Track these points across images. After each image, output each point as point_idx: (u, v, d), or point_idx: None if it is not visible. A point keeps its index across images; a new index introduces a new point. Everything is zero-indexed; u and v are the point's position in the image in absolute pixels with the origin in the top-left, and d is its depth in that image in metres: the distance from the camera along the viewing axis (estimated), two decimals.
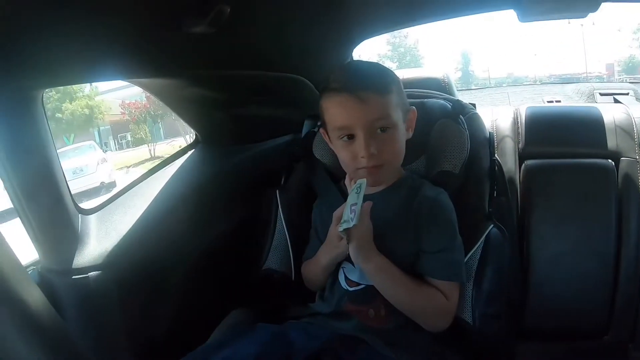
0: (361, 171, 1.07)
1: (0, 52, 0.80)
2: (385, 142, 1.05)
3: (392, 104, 1.04)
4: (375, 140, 1.03)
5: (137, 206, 1.30)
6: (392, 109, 1.04)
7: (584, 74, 27.62)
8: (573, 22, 24.07)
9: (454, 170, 1.17)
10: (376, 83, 1.05)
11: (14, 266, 0.63)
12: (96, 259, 1.14)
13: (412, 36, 36.15)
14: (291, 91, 1.60)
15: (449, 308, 1.06)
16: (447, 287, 1.06)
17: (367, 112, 1.02)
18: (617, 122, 1.64)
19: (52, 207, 1.11)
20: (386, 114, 1.03)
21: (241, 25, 1.12)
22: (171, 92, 1.41)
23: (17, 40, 0.80)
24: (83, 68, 1.02)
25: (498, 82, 29.78)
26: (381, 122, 1.03)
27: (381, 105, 1.03)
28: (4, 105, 0.97)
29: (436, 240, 1.07)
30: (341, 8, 1.37)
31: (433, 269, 1.06)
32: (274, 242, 1.32)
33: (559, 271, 1.50)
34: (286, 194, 1.35)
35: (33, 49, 0.84)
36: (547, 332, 1.53)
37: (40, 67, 0.91)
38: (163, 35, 1.03)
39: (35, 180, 1.06)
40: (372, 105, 1.02)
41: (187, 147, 1.61)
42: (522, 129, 1.70)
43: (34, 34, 0.81)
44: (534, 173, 1.59)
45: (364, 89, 1.02)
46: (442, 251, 1.06)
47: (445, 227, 1.08)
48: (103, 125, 22.08)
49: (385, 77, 1.08)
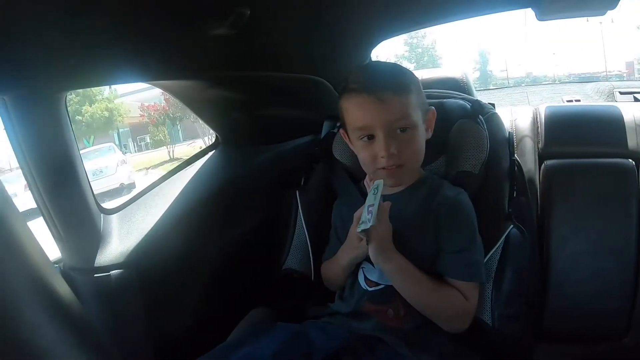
0: (381, 172, 1.07)
1: (24, 55, 0.82)
2: (405, 143, 1.05)
3: (411, 104, 1.05)
4: (395, 140, 1.04)
5: (158, 206, 1.31)
6: (411, 109, 1.05)
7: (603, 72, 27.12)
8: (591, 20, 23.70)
9: (474, 170, 1.16)
10: (395, 83, 1.05)
11: (44, 262, 0.65)
12: (118, 257, 1.16)
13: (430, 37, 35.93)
14: (310, 92, 1.60)
15: (468, 309, 1.06)
16: (466, 288, 1.05)
17: (387, 112, 1.02)
18: (638, 121, 1.61)
19: (75, 206, 1.13)
20: (406, 114, 1.04)
21: (261, 27, 1.13)
22: (192, 93, 1.43)
23: (42, 44, 0.82)
24: (105, 71, 1.04)
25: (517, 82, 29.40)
26: (401, 122, 1.04)
27: (400, 106, 1.03)
28: (28, 107, 1.00)
29: (456, 240, 1.07)
30: (360, 9, 1.37)
31: (452, 269, 1.06)
32: (294, 242, 1.32)
33: (579, 271, 1.48)
34: (306, 194, 1.35)
35: (57, 52, 0.86)
36: (565, 334, 1.51)
37: (64, 70, 0.93)
38: (184, 38, 1.05)
39: (59, 181, 1.08)
40: (391, 106, 1.02)
41: (208, 148, 1.63)
42: (542, 129, 1.68)
43: (58, 38, 0.83)
44: (553, 173, 1.58)
45: (384, 90, 1.02)
46: (462, 251, 1.06)
47: (464, 227, 1.08)
48: (122, 127, 22.34)
49: (404, 77, 1.09)
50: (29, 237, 0.64)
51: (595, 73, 27.62)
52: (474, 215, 1.10)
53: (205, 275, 1.36)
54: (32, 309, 0.58)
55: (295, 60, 1.45)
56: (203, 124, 1.61)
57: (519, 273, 1.11)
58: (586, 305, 1.48)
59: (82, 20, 0.82)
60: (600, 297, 1.47)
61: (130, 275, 1.15)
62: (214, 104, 1.48)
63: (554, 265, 1.50)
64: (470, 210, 1.10)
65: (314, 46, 1.43)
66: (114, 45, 0.94)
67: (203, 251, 1.35)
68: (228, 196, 1.47)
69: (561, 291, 1.49)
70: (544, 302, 1.49)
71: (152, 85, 1.35)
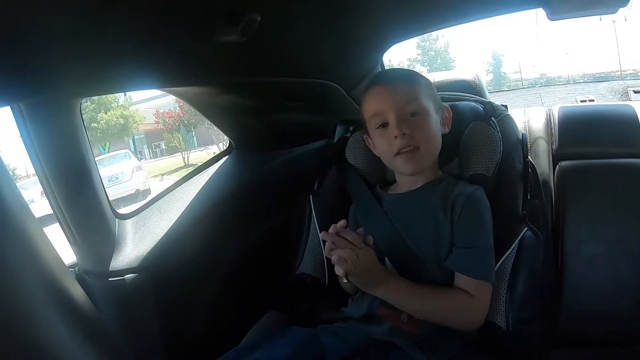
0: (398, 158, 1.10)
1: (39, 64, 0.83)
2: (416, 125, 1.10)
3: (420, 91, 1.13)
4: (406, 123, 1.09)
5: (172, 211, 1.33)
6: (420, 95, 1.12)
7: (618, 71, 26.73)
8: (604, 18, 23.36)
9: (487, 172, 1.16)
10: (405, 75, 1.18)
11: (60, 267, 0.66)
12: (132, 261, 1.17)
13: (442, 39, 35.92)
14: (323, 97, 1.61)
15: (474, 306, 1.04)
16: (473, 285, 1.04)
17: (396, 96, 1.10)
18: None
19: (90, 212, 1.15)
20: (414, 98, 1.11)
21: (272, 33, 1.13)
22: (205, 99, 1.44)
23: (57, 52, 0.83)
24: (120, 78, 1.05)
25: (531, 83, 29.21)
26: (410, 106, 1.10)
27: (409, 91, 1.12)
28: (44, 115, 1.02)
29: (468, 235, 1.06)
30: (371, 12, 1.37)
31: (461, 264, 1.05)
32: (307, 247, 1.32)
33: (594, 274, 1.46)
34: (319, 198, 1.35)
35: (72, 60, 0.87)
36: (581, 338, 1.49)
37: (79, 77, 0.94)
38: (196, 45, 1.06)
39: (74, 186, 1.10)
40: (400, 90, 1.11)
41: (222, 154, 1.64)
42: (555, 130, 1.67)
43: (73, 45, 0.84)
44: (568, 174, 1.56)
45: (394, 80, 1.15)
46: (473, 247, 1.05)
47: (478, 222, 1.07)
48: (138, 134, 22.58)
49: (414, 74, 1.19)
50: (44, 241, 0.65)
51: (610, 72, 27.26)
52: (489, 213, 1.09)
53: (219, 279, 1.36)
54: (47, 310, 0.59)
55: (306, 65, 1.45)
56: (217, 130, 1.63)
57: (534, 276, 1.10)
58: (602, 309, 1.46)
59: (98, 29, 0.83)
60: (617, 300, 1.44)
61: (144, 280, 1.16)
62: (226, 110, 1.49)
63: (568, 268, 1.48)
64: (485, 207, 1.09)
65: (325, 51, 1.44)
66: (128, 52, 0.96)
67: (217, 255, 1.36)
68: (242, 201, 1.48)
69: (576, 295, 1.47)
70: (559, 305, 1.47)
71: (166, 93, 1.37)
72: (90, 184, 1.14)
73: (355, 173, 1.29)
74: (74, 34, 0.81)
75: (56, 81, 0.91)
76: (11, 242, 0.59)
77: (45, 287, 0.60)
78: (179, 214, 1.32)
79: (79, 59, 0.88)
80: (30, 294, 0.57)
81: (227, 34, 1.00)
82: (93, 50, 0.89)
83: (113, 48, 0.91)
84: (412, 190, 1.15)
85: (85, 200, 1.13)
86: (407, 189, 1.16)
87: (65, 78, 0.92)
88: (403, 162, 1.11)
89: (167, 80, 1.21)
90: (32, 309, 0.56)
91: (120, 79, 1.06)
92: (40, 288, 0.59)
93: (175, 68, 1.13)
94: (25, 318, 0.55)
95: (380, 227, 1.14)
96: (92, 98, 18.03)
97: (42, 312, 0.58)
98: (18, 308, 0.55)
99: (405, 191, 1.16)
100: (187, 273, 1.27)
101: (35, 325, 0.56)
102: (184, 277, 1.27)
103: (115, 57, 0.94)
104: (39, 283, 0.59)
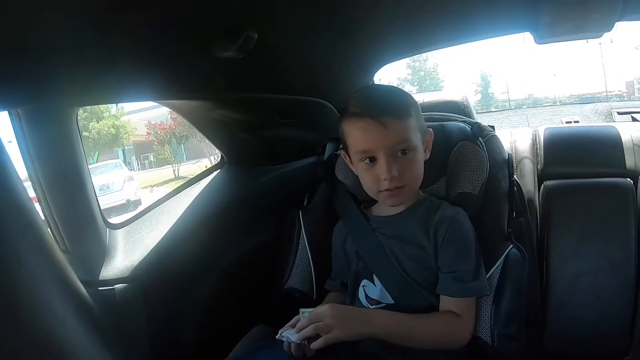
0: (383, 194, 1.09)
1: (39, 71, 0.85)
2: (405, 165, 1.07)
3: (411, 127, 1.07)
4: (396, 162, 1.05)
5: (163, 223, 1.33)
6: (411, 133, 1.07)
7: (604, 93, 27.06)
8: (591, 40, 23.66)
9: (474, 191, 1.18)
10: (396, 108, 1.07)
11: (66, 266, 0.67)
12: (122, 271, 1.18)
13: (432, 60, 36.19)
14: (314, 114, 1.63)
15: (462, 324, 1.06)
16: (460, 304, 1.06)
17: (389, 136, 1.04)
18: (635, 140, 1.63)
19: (82, 220, 1.15)
20: (406, 138, 1.06)
21: (268, 51, 1.16)
22: (199, 113, 1.46)
23: (55, 60, 0.85)
24: (118, 88, 1.07)
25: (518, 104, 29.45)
26: (402, 145, 1.06)
27: (402, 130, 1.05)
28: (41, 121, 1.03)
29: (453, 260, 1.07)
30: (363, 34, 1.40)
31: (447, 289, 1.07)
32: (296, 262, 1.33)
33: (579, 292, 1.48)
34: (309, 214, 1.37)
35: (71, 69, 0.89)
36: (566, 354, 1.51)
37: (77, 86, 0.96)
38: (193, 59, 1.08)
39: (67, 194, 1.11)
40: (393, 130, 1.04)
41: (213, 167, 1.65)
42: (541, 150, 1.70)
43: (71, 55, 0.86)
44: (553, 194, 1.59)
45: (385, 114, 1.05)
46: (456, 269, 1.07)
47: (462, 246, 1.08)
48: (127, 145, 22.42)
49: (405, 101, 1.11)
50: (53, 242, 0.66)
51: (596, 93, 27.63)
52: (472, 234, 1.11)
53: (209, 291, 1.37)
54: (56, 305, 0.60)
55: (300, 83, 1.48)
56: (209, 143, 1.64)
57: (518, 293, 1.12)
58: (587, 325, 1.48)
59: (97, 40, 0.85)
60: (601, 317, 1.47)
61: (134, 290, 1.16)
62: (220, 124, 1.51)
63: (553, 285, 1.50)
64: (468, 229, 1.11)
65: (319, 70, 1.46)
66: (127, 64, 0.97)
67: (207, 268, 1.36)
68: (232, 215, 1.49)
69: (561, 311, 1.49)
70: (544, 322, 1.49)
71: (159, 104, 1.38)
72: (84, 192, 1.14)
73: (345, 190, 1.30)
74: (74, 44, 0.83)
75: (56, 88, 0.93)
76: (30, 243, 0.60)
77: (52, 281, 0.61)
78: (170, 226, 1.32)
79: (79, 68, 0.90)
80: (37, 285, 0.57)
81: (225, 50, 1.02)
82: (93, 60, 0.91)
83: (113, 58, 0.93)
84: (394, 215, 1.15)
85: (77, 209, 1.14)
86: (388, 213, 1.16)
87: (64, 86, 0.93)
88: (387, 198, 1.09)
89: (163, 93, 1.23)
90: (41, 303, 0.57)
91: (119, 89, 1.07)
92: (48, 281, 0.60)
93: (172, 81, 1.15)
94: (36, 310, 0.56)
95: (369, 244, 1.15)
96: (84, 107, 17.93)
97: (52, 306, 0.59)
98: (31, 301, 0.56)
99: (387, 215, 1.16)
100: (177, 284, 1.28)
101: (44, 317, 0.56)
102: (173, 288, 1.27)
103: (114, 67, 0.96)
104: (47, 277, 0.60)
